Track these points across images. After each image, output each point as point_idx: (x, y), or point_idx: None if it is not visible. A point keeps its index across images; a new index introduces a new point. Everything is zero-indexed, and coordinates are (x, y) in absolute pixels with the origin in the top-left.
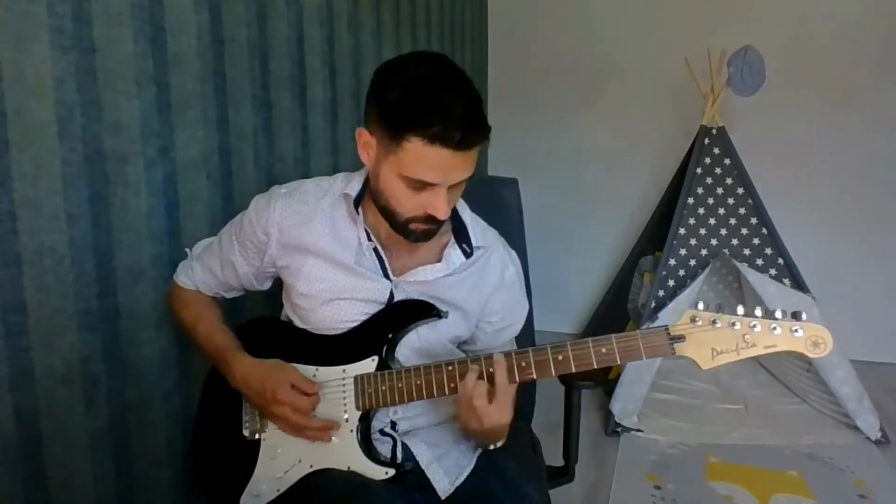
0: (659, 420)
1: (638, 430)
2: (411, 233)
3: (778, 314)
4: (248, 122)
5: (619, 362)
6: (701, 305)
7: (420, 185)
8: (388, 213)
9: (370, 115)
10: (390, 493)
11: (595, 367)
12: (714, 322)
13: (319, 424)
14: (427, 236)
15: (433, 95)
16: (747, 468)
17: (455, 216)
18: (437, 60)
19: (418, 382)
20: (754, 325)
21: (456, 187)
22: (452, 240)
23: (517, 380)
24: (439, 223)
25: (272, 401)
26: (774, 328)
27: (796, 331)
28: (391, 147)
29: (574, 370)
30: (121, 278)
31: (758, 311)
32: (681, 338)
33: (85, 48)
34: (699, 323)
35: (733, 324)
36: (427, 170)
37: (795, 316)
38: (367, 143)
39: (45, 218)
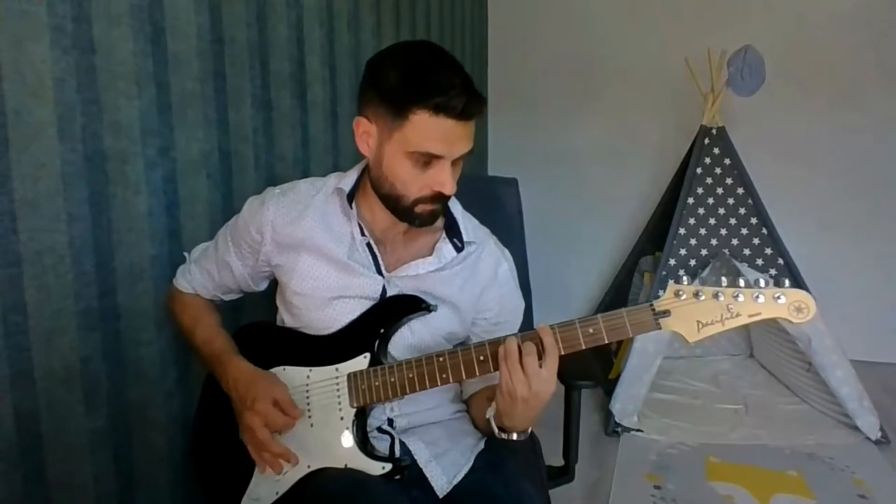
0: (659, 420)
1: (638, 430)
2: (417, 216)
3: (761, 283)
4: (248, 122)
5: (606, 340)
6: (684, 279)
7: (426, 160)
8: (392, 199)
9: (368, 102)
10: (390, 491)
11: (583, 347)
12: (698, 294)
13: (280, 450)
14: (433, 218)
15: (431, 70)
16: (747, 468)
17: (447, 212)
18: (425, 43)
19: (410, 375)
20: (738, 295)
21: (456, 164)
22: (444, 234)
23: (562, 351)
24: (445, 200)
25: (249, 408)
26: (758, 296)
27: (779, 297)
28: (395, 125)
29: (563, 352)
30: (121, 278)
31: (741, 282)
32: (666, 313)
33: (85, 48)
34: (683, 297)
35: (717, 295)
36: (433, 142)
37: (778, 283)
38: (365, 132)
39: (45, 218)
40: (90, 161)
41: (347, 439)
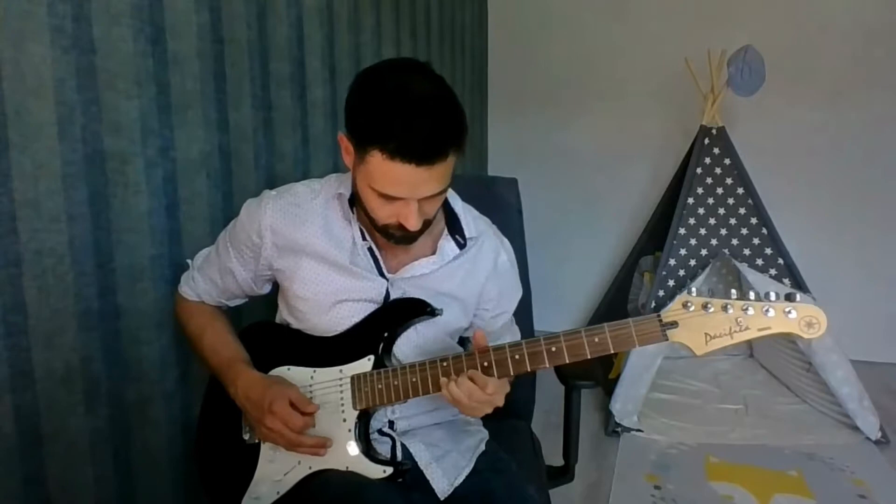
0: (659, 420)
1: (638, 430)
2: (391, 236)
3: (772, 296)
4: (248, 122)
5: (612, 350)
6: (693, 291)
7: (389, 197)
8: (368, 218)
9: (345, 122)
10: (390, 493)
11: (589, 356)
12: (706, 306)
13: (312, 441)
14: (407, 240)
15: (399, 108)
16: (747, 468)
17: (447, 207)
18: (413, 70)
19: (413, 380)
20: (747, 308)
21: (430, 199)
22: (446, 231)
23: (567, 360)
24: (414, 233)
25: (267, 411)
26: (768, 310)
27: (790, 312)
28: (359, 158)
29: (568, 361)
30: (121, 278)
31: (751, 295)
32: (673, 324)
33: (85, 48)
34: (691, 308)
35: (726, 307)
36: (391, 184)
37: (789, 298)
38: (346, 149)
39: (45, 218)
40: (90, 161)
41: (350, 442)
